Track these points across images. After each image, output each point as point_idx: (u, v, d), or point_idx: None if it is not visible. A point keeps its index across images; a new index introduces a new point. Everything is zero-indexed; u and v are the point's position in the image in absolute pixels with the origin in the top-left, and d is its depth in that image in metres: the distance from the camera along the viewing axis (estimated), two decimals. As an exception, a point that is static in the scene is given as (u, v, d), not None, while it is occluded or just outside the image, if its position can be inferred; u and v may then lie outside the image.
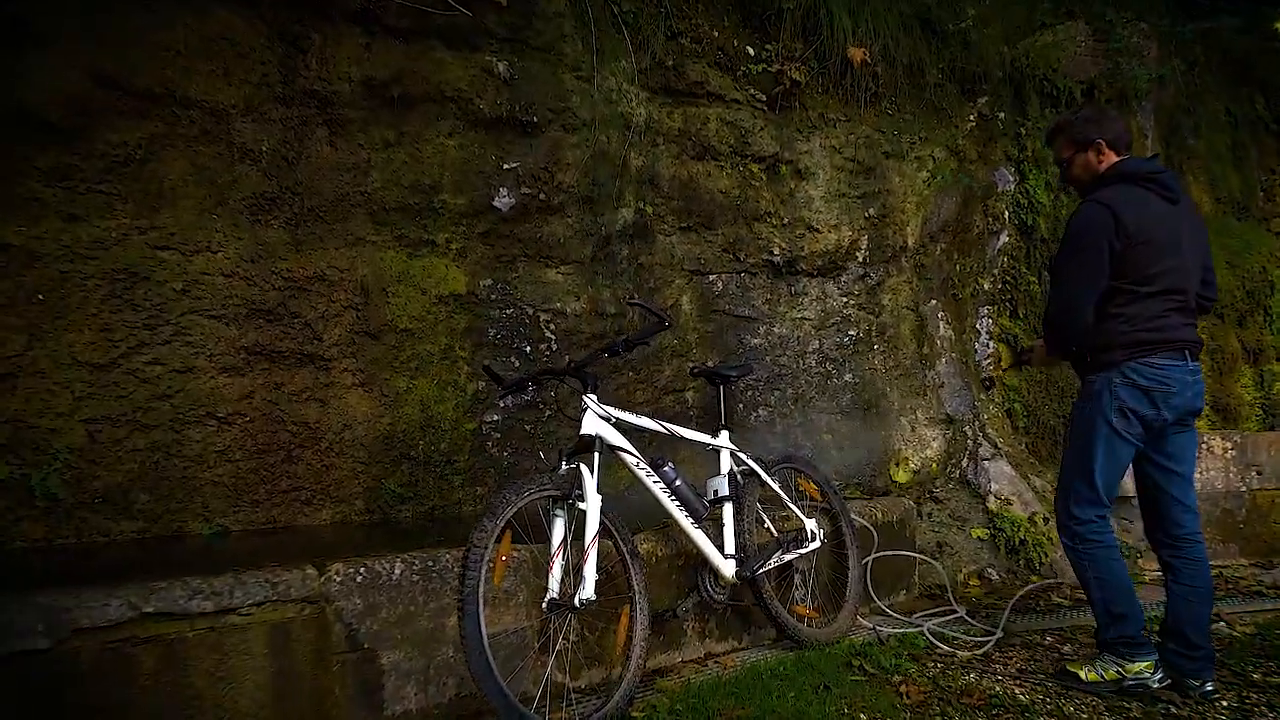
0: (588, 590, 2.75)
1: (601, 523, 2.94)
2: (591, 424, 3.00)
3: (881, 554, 4.16)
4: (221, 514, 3.60)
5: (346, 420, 3.90)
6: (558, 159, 4.52)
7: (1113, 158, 3.21)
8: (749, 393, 5.15)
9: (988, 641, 3.71)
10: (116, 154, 3.40)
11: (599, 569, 2.79)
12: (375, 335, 4.01)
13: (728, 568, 3.28)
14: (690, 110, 4.93)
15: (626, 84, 4.70)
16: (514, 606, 2.93)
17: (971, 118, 5.92)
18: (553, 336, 4.57)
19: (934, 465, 5.37)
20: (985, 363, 5.97)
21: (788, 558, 3.52)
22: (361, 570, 2.65)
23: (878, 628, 3.86)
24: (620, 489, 4.30)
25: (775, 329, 5.27)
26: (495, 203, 4.35)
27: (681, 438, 3.36)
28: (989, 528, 4.94)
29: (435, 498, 4.12)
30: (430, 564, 2.78)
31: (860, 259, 5.48)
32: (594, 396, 3.06)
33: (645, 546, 3.30)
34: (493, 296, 4.39)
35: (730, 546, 3.34)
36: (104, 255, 3.39)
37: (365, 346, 3.98)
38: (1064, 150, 3.32)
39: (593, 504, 2.84)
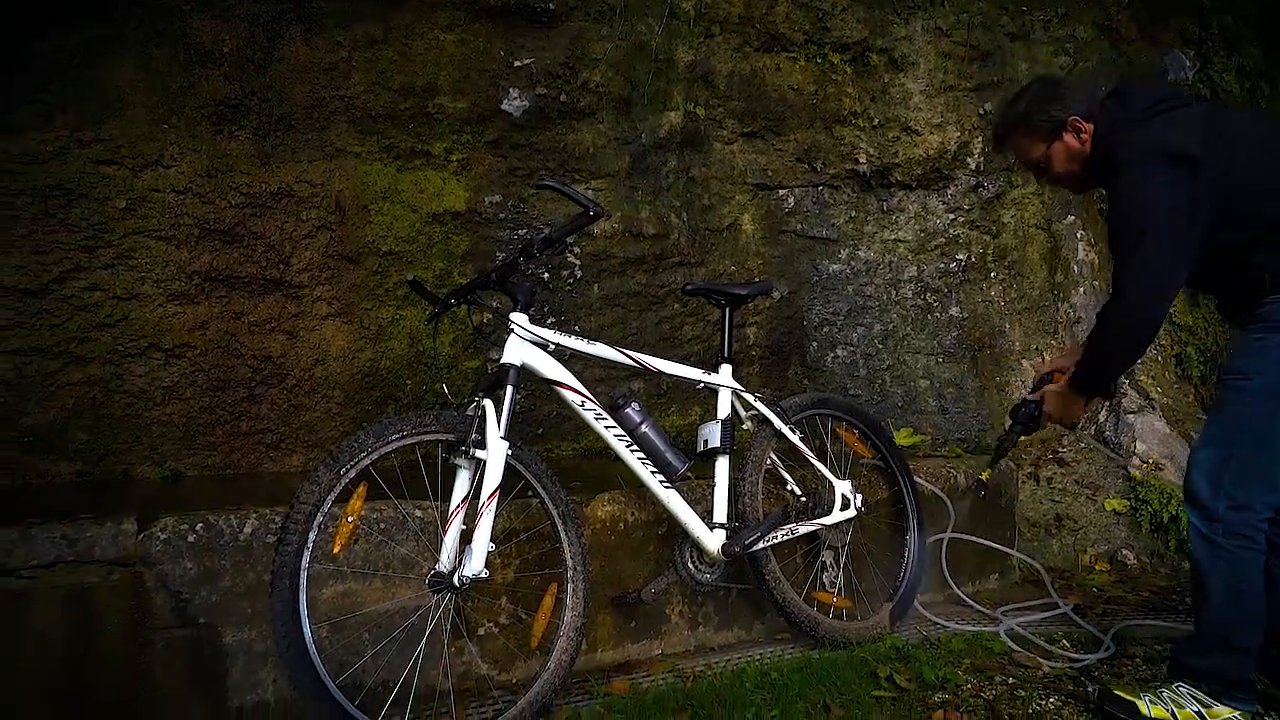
0: (474, 564, 2.05)
1: (521, 477, 2.23)
2: (515, 351, 2.28)
3: (954, 534, 3.18)
4: (173, 457, 3.17)
5: (318, 355, 3.37)
6: (582, 54, 3.77)
7: (1091, 127, 2.37)
8: (824, 329, 4.23)
9: (1094, 655, 2.70)
10: (54, 60, 2.98)
11: (528, 536, 2.09)
12: (353, 259, 3.44)
13: (712, 540, 2.48)
14: (752, -10, 4.03)
15: (666, -40, 3.86)
16: (414, 580, 2.28)
17: (1132, -14, 4.60)
18: (576, 262, 3.85)
19: (1063, 419, 4.23)
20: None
21: (802, 530, 2.66)
22: (198, 528, 2.08)
23: (943, 623, 2.92)
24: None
25: (860, 253, 4.30)
26: (504, 106, 3.66)
27: (659, 373, 2.56)
28: (1129, 498, 3.79)
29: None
30: (298, 522, 2.16)
31: (972, 166, 4.37)
32: (523, 315, 2.33)
33: (607, 510, 2.55)
34: (501, 215, 3.71)
35: (720, 513, 2.53)
36: (36, 171, 2.99)
37: (342, 272, 3.43)
38: (1032, 149, 2.46)
39: (494, 452, 2.13)
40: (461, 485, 2.16)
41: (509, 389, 2.20)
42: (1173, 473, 3.81)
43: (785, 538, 2.61)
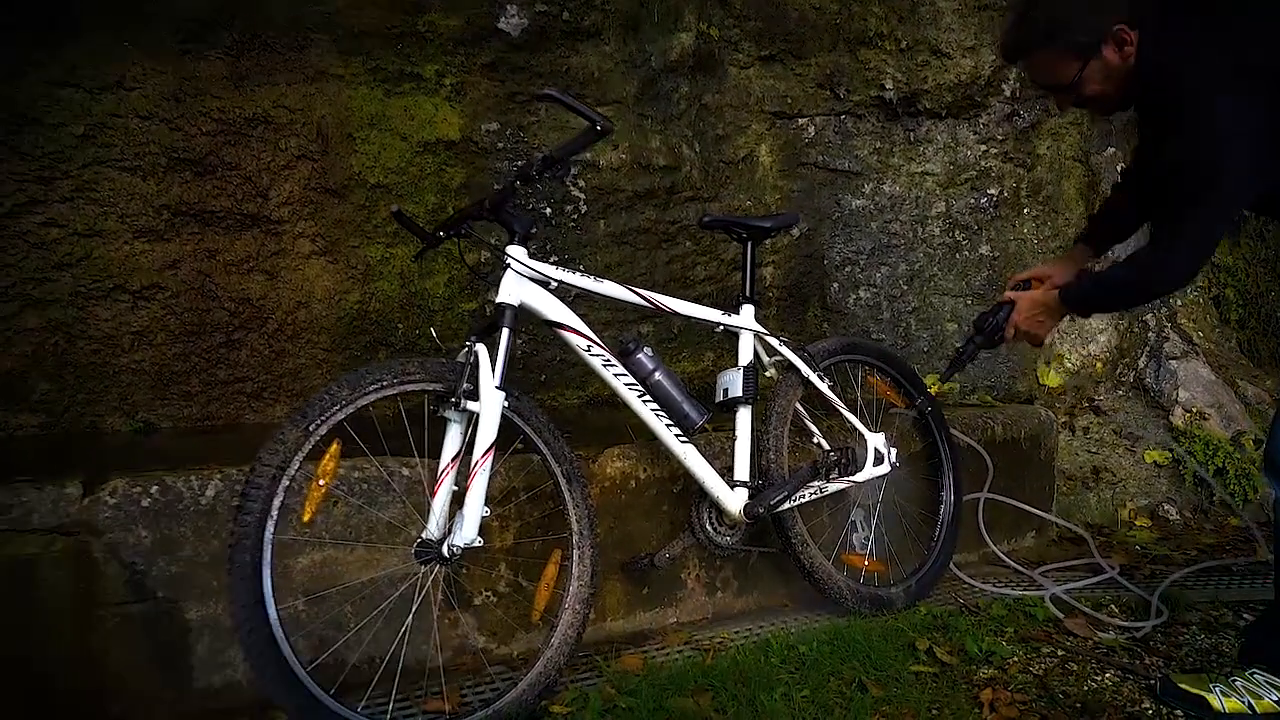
0: (466, 532, 1.77)
1: (520, 432, 1.94)
2: (511, 289, 1.97)
3: (990, 495, 2.90)
4: (145, 407, 2.89)
5: (302, 297, 3.07)
6: (587, -34, 3.40)
7: (1136, 34, 1.83)
8: (846, 269, 3.91)
9: (1147, 622, 2.44)
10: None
11: (530, 496, 1.82)
12: (338, 193, 3.11)
13: (734, 500, 2.20)
14: (769, -105, 3.63)
15: None
16: (402, 548, 2.01)
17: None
18: (581, 195, 3.52)
19: (1098, 365, 3.92)
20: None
21: (832, 488, 2.38)
22: (153, 491, 1.81)
23: (981, 586, 2.66)
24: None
25: (885, 186, 3.95)
26: (501, 25, 3.30)
27: (674, 313, 2.26)
28: (1170, 449, 3.51)
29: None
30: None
31: (1007, 93, 3.99)
32: (521, 249, 2.02)
33: (617, 466, 2.27)
34: (500, 145, 3.37)
35: (742, 470, 2.25)
36: (-17, 92, 2.67)
37: (326, 206, 3.11)
38: (1061, 70, 1.90)
39: (489, 404, 1.84)
40: (452, 441, 1.88)
41: (505, 332, 1.90)
42: (1217, 422, 3.52)
43: (814, 497, 2.33)
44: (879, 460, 2.45)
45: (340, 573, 1.95)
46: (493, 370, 1.86)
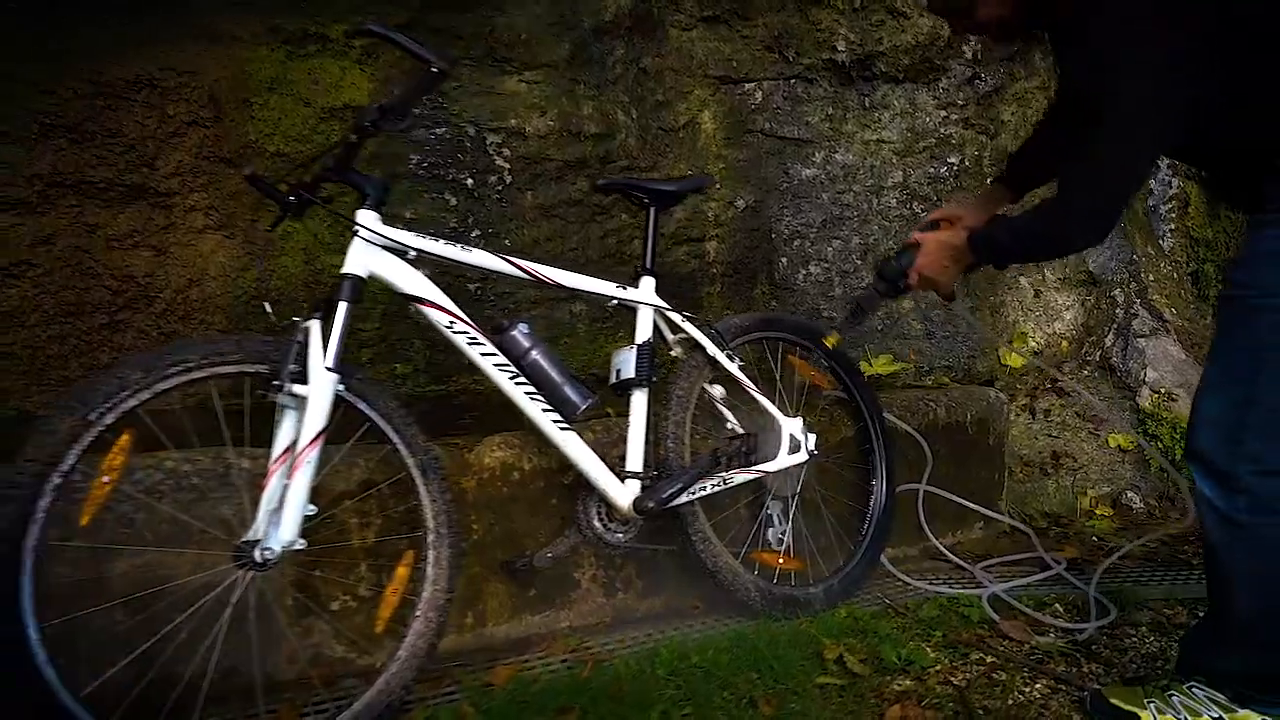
0: (283, 533, 1.55)
1: (367, 419, 1.71)
2: (358, 259, 1.75)
3: (928, 488, 2.65)
4: (19, 394, 2.66)
5: (194, 274, 2.83)
6: (511, -84, 3.14)
7: None
8: (795, 242, 3.66)
9: (1090, 624, 2.21)
10: None
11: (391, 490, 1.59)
12: (234, 162, 2.86)
13: (623, 494, 1.97)
14: None
15: None
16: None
17: None
18: (506, 165, 3.27)
19: (1064, 344, 3.67)
20: (1162, 207, 4.10)
21: (738, 479, 2.14)
22: None
23: (914, 582, 2.43)
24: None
25: (838, 155, 3.70)
26: (415, -19, 3.05)
27: (558, 286, 2.02)
28: (1137, 433, 3.26)
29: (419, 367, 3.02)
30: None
31: (968, 55, 3.73)
32: (372, 214, 1.78)
33: (498, 455, 2.04)
34: (416, 111, 3.12)
35: (635, 460, 2.01)
36: None
37: (220, 177, 2.86)
38: None
39: (318, 387, 1.61)
40: (285, 431, 1.66)
41: (343, 306, 1.68)
42: (1186, 403, 3.27)
43: (717, 489, 2.09)
44: (795, 448, 2.21)
45: (165, 577, 1.73)
46: (325, 349, 1.62)
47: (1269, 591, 1.60)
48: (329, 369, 1.62)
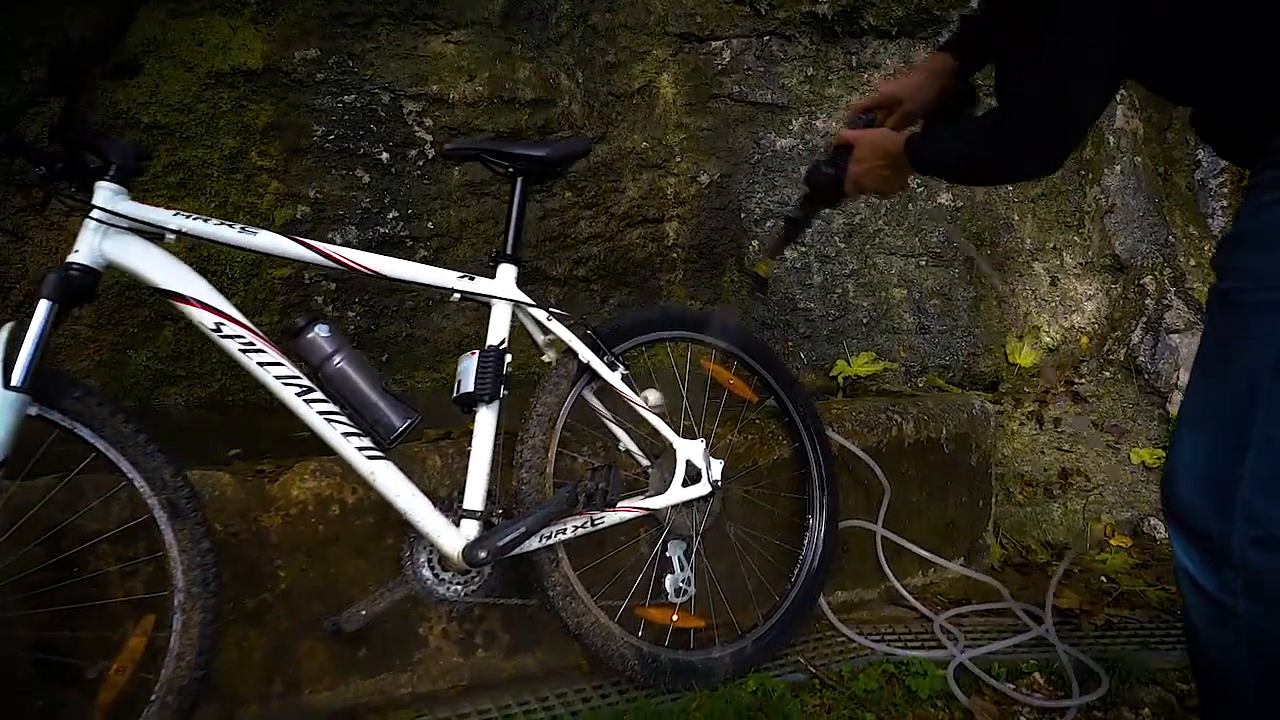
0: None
1: (93, 448, 1.32)
2: (89, 243, 1.36)
3: (880, 529, 2.15)
4: None
5: (56, 261, 2.49)
6: None
7: None
8: (769, 223, 3.18)
9: (1075, 699, 1.71)
10: None
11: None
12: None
13: (453, 538, 1.54)
14: None
15: None
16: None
17: None
18: (428, 138, 2.86)
19: (1083, 340, 3.11)
20: (1212, 181, 3.50)
21: (612, 519, 1.69)
22: None
23: (865, 640, 1.95)
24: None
25: (819, 123, 3.19)
26: (320, -73, 2.65)
27: (378, 275, 1.60)
28: (1165, 447, 2.72)
29: (226, 376, 2.66)
30: None
31: (973, 3, 3.18)
32: (114, 187, 1.38)
33: (308, 486, 1.63)
34: (319, 76, 2.74)
35: (475, 495, 1.58)
36: None
37: (87, 151, 2.51)
38: None
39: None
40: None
41: (42, 305, 1.29)
42: (1230, 413, 2.72)
43: (584, 531, 1.65)
44: (693, 478, 1.75)
45: None
46: (14, 362, 1.23)
47: (1275, 708, 1.11)
48: (13, 387, 1.23)
